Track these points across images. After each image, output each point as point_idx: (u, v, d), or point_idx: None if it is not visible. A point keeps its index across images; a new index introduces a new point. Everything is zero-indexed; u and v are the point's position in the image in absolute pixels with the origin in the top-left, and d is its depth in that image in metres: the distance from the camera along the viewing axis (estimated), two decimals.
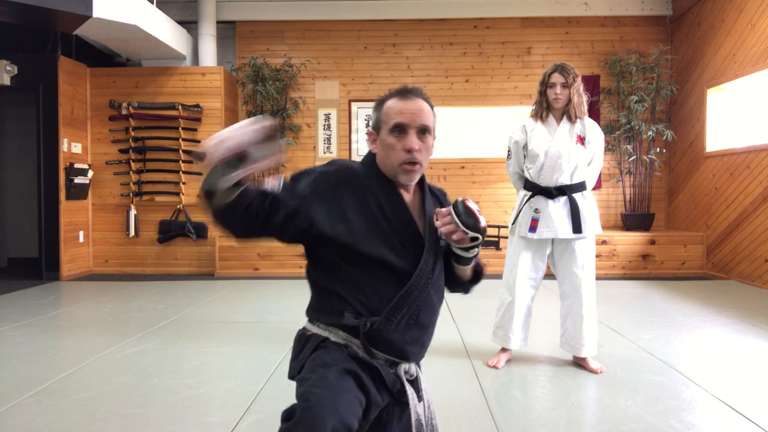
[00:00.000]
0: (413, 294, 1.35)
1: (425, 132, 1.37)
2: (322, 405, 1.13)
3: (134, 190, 6.09)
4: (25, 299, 4.63)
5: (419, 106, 1.37)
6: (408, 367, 1.39)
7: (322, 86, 6.73)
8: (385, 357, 1.36)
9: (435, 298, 1.42)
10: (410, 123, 1.35)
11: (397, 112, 1.36)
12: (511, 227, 2.89)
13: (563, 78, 2.68)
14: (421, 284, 1.36)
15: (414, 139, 1.35)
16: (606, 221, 6.50)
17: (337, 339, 1.35)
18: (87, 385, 2.53)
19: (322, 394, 1.17)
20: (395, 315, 1.33)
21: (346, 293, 1.35)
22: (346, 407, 1.16)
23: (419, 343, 1.40)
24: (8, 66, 5.40)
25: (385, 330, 1.32)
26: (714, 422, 2.13)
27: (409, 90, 1.40)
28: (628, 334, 3.37)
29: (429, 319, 1.41)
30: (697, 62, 5.97)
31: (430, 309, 1.41)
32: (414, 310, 1.35)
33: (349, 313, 1.33)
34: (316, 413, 1.11)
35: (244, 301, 4.52)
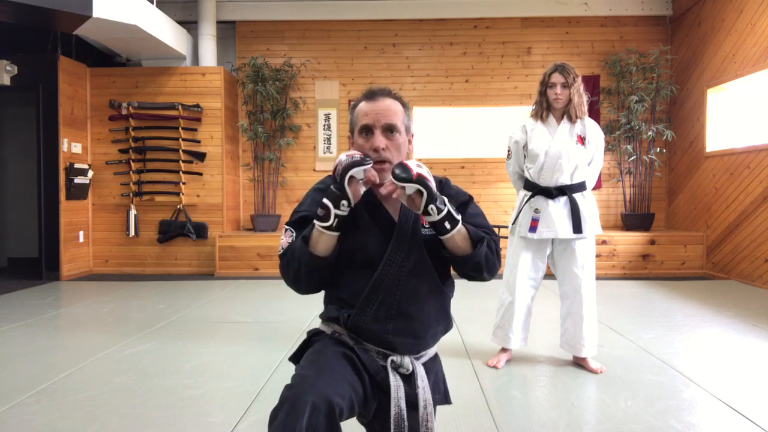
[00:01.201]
0: (384, 283, 1.36)
1: (392, 130, 1.39)
2: (303, 383, 1.18)
3: (134, 190, 6.09)
4: (25, 299, 4.63)
5: (385, 106, 1.40)
6: (399, 360, 1.38)
7: (322, 86, 6.73)
8: (375, 349, 1.39)
9: (422, 287, 1.40)
10: (374, 123, 1.38)
11: (364, 114, 1.41)
12: (511, 227, 2.89)
13: (563, 78, 2.68)
14: (392, 272, 1.37)
15: (379, 138, 1.38)
16: (606, 221, 6.50)
17: (331, 330, 1.43)
18: (87, 385, 2.53)
19: (307, 374, 1.23)
20: (369, 305, 1.37)
21: (336, 288, 1.44)
22: (328, 384, 1.19)
23: (408, 334, 1.39)
24: (8, 66, 5.40)
25: (360, 321, 1.37)
26: (714, 422, 2.13)
27: (376, 91, 1.44)
28: (628, 334, 3.37)
29: (416, 309, 1.40)
30: (697, 62, 5.98)
31: (415, 298, 1.39)
32: (391, 300, 1.37)
33: (333, 306, 1.43)
34: (297, 391, 1.16)
35: (244, 301, 4.52)
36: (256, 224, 6.28)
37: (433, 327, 1.45)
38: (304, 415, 1.10)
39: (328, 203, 1.28)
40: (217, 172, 6.16)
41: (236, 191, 6.67)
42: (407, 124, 1.45)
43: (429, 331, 1.44)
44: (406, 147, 1.45)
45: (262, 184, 6.55)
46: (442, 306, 1.47)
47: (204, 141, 6.15)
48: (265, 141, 6.47)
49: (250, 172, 6.67)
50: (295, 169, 6.74)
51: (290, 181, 6.72)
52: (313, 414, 1.11)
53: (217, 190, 6.17)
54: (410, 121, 1.49)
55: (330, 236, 1.31)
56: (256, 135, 6.33)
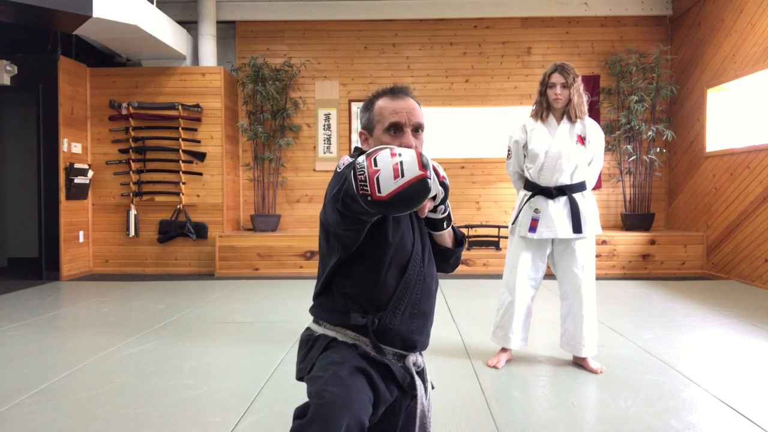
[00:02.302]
0: (411, 282, 1.38)
1: (418, 130, 1.41)
2: (336, 403, 1.14)
3: (134, 190, 6.09)
4: (25, 299, 4.63)
5: (412, 105, 1.40)
6: (416, 359, 1.42)
7: (322, 86, 6.73)
8: (393, 351, 1.38)
9: (432, 284, 1.46)
10: (406, 122, 1.38)
11: (392, 111, 1.39)
12: (511, 227, 2.89)
13: (563, 78, 2.68)
14: (416, 272, 1.39)
15: (410, 137, 1.38)
16: (606, 221, 6.50)
17: (345, 338, 1.37)
18: (87, 385, 2.53)
19: (337, 392, 1.18)
20: (399, 306, 1.37)
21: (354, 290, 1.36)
22: (359, 405, 1.18)
23: (424, 331, 1.44)
24: (8, 66, 5.40)
25: (392, 323, 1.36)
26: (714, 422, 2.13)
27: (400, 89, 1.43)
28: (628, 334, 3.37)
29: (430, 307, 1.45)
30: (697, 62, 5.97)
31: (430, 296, 1.44)
32: (415, 298, 1.39)
33: (355, 312, 1.35)
34: (331, 411, 1.12)
35: (244, 301, 4.52)
36: (256, 224, 6.28)
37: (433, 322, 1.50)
38: None
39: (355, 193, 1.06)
40: (217, 172, 6.16)
41: (236, 191, 6.67)
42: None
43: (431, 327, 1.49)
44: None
45: (262, 184, 6.55)
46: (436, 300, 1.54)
47: (204, 141, 6.15)
48: (265, 141, 6.47)
49: (250, 172, 6.67)
50: (295, 169, 6.74)
51: (290, 181, 6.72)
52: None
53: (217, 190, 6.17)
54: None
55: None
56: (256, 135, 6.33)
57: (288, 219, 6.71)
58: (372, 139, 1.43)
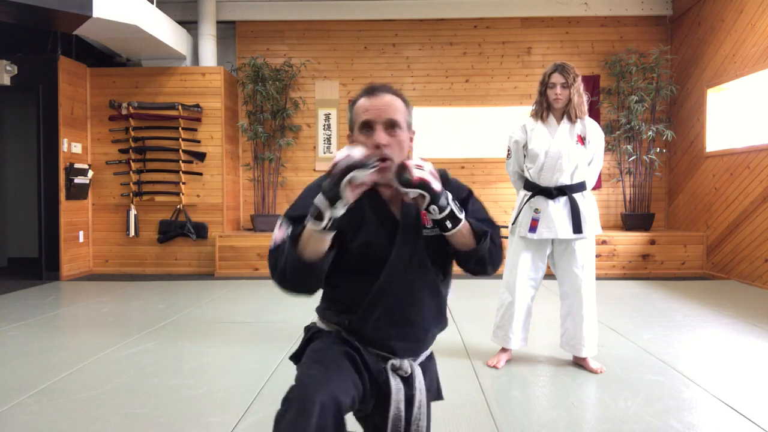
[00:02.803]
0: (388, 292, 1.34)
1: (393, 126, 1.34)
2: (312, 383, 1.17)
3: (134, 190, 6.09)
4: (25, 299, 4.63)
5: (385, 102, 1.35)
6: (399, 363, 1.37)
7: (322, 86, 6.73)
8: (375, 352, 1.38)
9: (422, 292, 1.38)
10: (376, 119, 1.33)
11: (364, 110, 1.36)
12: (511, 227, 2.89)
13: (563, 78, 2.67)
14: (396, 279, 1.34)
15: (381, 134, 1.32)
16: (606, 221, 6.50)
17: (332, 328, 1.42)
18: (87, 385, 2.53)
19: (313, 373, 1.21)
20: (371, 313, 1.35)
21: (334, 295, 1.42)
22: (336, 384, 1.19)
23: (409, 339, 1.39)
24: (8, 66, 5.40)
25: (362, 329, 1.36)
26: (714, 422, 2.13)
27: (376, 87, 1.39)
28: (628, 334, 3.37)
29: (419, 314, 1.38)
30: (697, 62, 5.97)
31: (416, 304, 1.38)
32: (394, 307, 1.35)
33: (332, 311, 1.41)
34: (305, 390, 1.15)
35: (244, 301, 4.52)
36: (256, 224, 6.28)
37: (432, 329, 1.45)
38: (313, 416, 1.10)
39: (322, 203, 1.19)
40: (217, 172, 6.16)
41: (236, 191, 6.67)
42: (409, 121, 1.41)
43: (428, 334, 1.44)
44: (408, 144, 1.40)
45: (262, 184, 6.55)
46: (440, 307, 1.45)
47: (204, 141, 6.15)
48: (265, 141, 6.47)
49: (250, 172, 6.67)
50: (295, 169, 6.74)
51: (290, 181, 6.72)
52: (322, 414, 1.11)
53: (217, 190, 6.17)
54: (412, 119, 1.44)
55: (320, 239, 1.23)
56: (256, 135, 6.33)
57: None
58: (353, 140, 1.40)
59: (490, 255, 1.38)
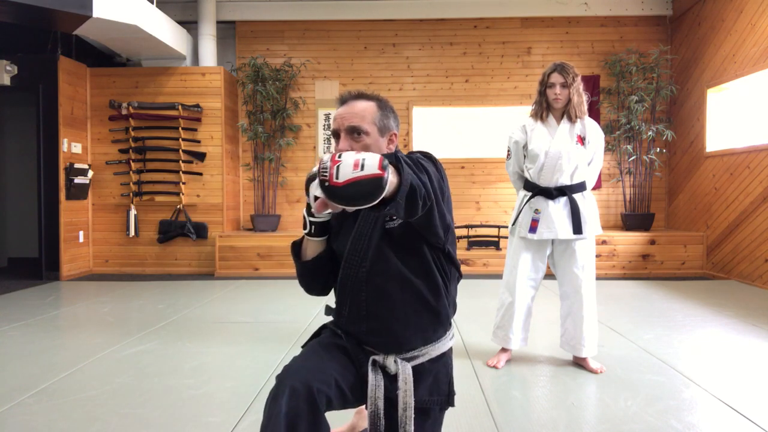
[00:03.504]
0: (347, 286, 1.38)
1: (357, 132, 1.34)
2: (286, 371, 1.27)
3: (134, 190, 6.09)
4: (25, 299, 4.63)
5: (350, 109, 1.36)
6: (383, 360, 1.37)
7: (322, 86, 6.73)
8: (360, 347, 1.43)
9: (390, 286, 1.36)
10: (339, 127, 1.37)
11: (333, 119, 1.41)
12: (511, 228, 2.89)
13: (563, 78, 2.67)
14: (352, 274, 1.37)
15: (343, 142, 1.35)
16: (606, 221, 6.50)
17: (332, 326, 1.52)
18: (87, 385, 2.53)
19: (291, 362, 1.31)
20: (341, 308, 1.42)
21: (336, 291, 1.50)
22: (309, 371, 1.26)
23: (383, 333, 1.38)
24: (8, 66, 5.40)
25: (339, 322, 1.44)
26: (714, 422, 2.13)
27: (346, 95, 1.41)
28: (628, 334, 3.37)
29: (387, 309, 1.36)
30: (697, 62, 5.97)
31: (385, 298, 1.36)
32: (360, 300, 1.37)
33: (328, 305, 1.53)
34: (280, 378, 1.26)
35: (244, 301, 4.52)
36: (256, 224, 6.28)
37: (415, 324, 1.38)
38: (283, 398, 1.18)
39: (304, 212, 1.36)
40: (217, 172, 6.16)
41: (236, 191, 6.67)
42: (383, 124, 1.38)
43: (409, 329, 1.38)
44: (382, 147, 1.38)
45: (262, 184, 6.55)
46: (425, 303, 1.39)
47: (204, 141, 6.15)
48: (265, 141, 6.47)
49: (250, 172, 6.67)
50: (295, 169, 6.73)
51: (290, 181, 6.72)
52: (292, 397, 1.17)
53: (217, 190, 6.17)
54: (392, 120, 1.41)
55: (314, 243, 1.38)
56: (256, 135, 6.33)
57: (288, 219, 6.71)
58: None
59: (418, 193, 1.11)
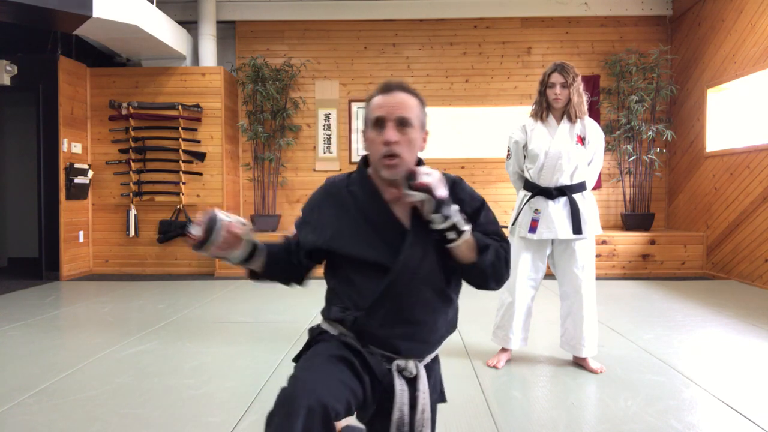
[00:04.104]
0: (396, 289, 1.34)
1: (405, 124, 1.35)
2: (300, 386, 1.17)
3: (134, 190, 6.09)
4: (25, 299, 4.63)
5: (399, 99, 1.36)
6: (404, 364, 1.37)
7: (322, 86, 6.73)
8: (380, 352, 1.37)
9: (429, 293, 1.39)
10: (387, 116, 1.34)
11: (378, 106, 1.37)
12: (511, 228, 2.89)
13: (563, 78, 2.67)
14: (405, 279, 1.34)
15: (391, 131, 1.33)
16: (606, 221, 6.50)
17: (334, 331, 1.42)
18: (87, 385, 2.53)
19: (302, 376, 1.22)
20: (378, 310, 1.35)
21: (340, 289, 1.42)
22: (324, 387, 1.18)
23: (415, 339, 1.39)
24: (8, 66, 5.40)
25: (368, 325, 1.36)
26: (714, 422, 2.13)
27: (391, 85, 1.39)
28: (628, 334, 3.37)
29: (423, 316, 1.38)
30: (697, 62, 5.97)
31: (423, 305, 1.38)
32: (400, 305, 1.35)
33: (338, 307, 1.41)
34: (293, 393, 1.15)
35: (244, 301, 4.52)
36: (256, 224, 6.28)
37: (440, 332, 1.44)
38: (299, 419, 1.10)
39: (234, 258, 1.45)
40: (217, 172, 6.16)
41: (236, 191, 6.67)
42: (422, 121, 1.41)
43: (435, 336, 1.43)
44: (420, 144, 1.40)
45: (262, 184, 6.55)
46: (450, 311, 1.45)
47: (204, 141, 6.15)
48: (265, 141, 6.47)
49: (250, 172, 6.67)
50: (295, 169, 6.74)
51: (290, 181, 6.72)
52: (308, 418, 1.11)
53: (217, 190, 6.17)
54: (426, 118, 1.44)
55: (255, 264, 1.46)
56: (256, 135, 6.33)
57: (288, 219, 6.71)
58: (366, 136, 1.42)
59: (492, 269, 1.37)
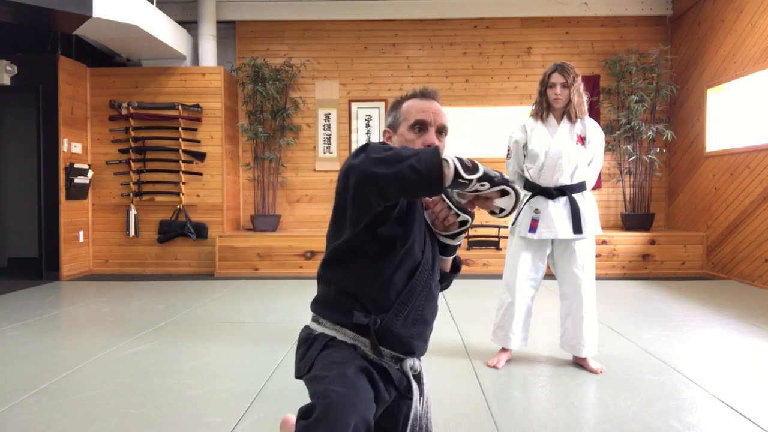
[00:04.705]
0: (418, 289, 1.39)
1: (442, 132, 1.46)
2: (343, 402, 1.14)
3: (134, 190, 6.09)
4: (25, 299, 4.63)
5: (438, 108, 1.47)
6: (413, 363, 1.43)
7: (322, 86, 6.73)
8: (391, 354, 1.39)
9: (436, 293, 1.48)
10: (431, 121, 1.44)
11: (419, 110, 1.44)
12: (511, 228, 2.89)
13: (563, 78, 2.67)
14: (423, 279, 1.41)
15: (434, 135, 1.43)
16: (606, 221, 6.50)
17: (345, 338, 1.37)
18: (87, 385, 2.53)
19: (344, 391, 1.17)
20: (402, 310, 1.37)
21: (358, 289, 1.35)
22: (366, 405, 1.18)
23: (423, 337, 1.46)
24: (8, 66, 5.40)
25: (393, 325, 1.36)
26: (714, 422, 2.13)
27: (430, 92, 1.50)
28: (628, 334, 3.37)
29: (432, 314, 1.47)
30: (697, 62, 5.97)
31: (433, 304, 1.47)
32: (419, 304, 1.40)
33: (358, 312, 1.34)
34: (338, 410, 1.12)
35: (244, 301, 4.52)
36: (256, 224, 6.28)
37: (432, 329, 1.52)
38: None
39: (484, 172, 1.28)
40: (217, 172, 6.16)
41: (236, 191, 6.67)
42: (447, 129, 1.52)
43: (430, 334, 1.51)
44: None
45: (262, 184, 6.55)
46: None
47: (204, 141, 6.15)
48: (265, 141, 6.47)
49: (250, 172, 6.67)
50: (295, 169, 6.74)
51: (290, 181, 6.72)
52: None
53: (217, 190, 6.17)
54: None
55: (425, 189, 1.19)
56: (256, 135, 6.33)
57: (288, 219, 6.71)
58: (396, 137, 1.47)
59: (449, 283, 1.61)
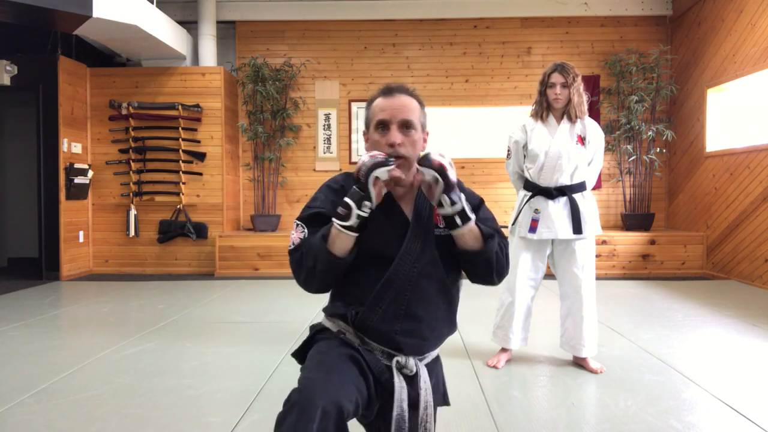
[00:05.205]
0: (396, 282, 1.36)
1: (408, 126, 1.40)
2: (313, 387, 1.17)
3: (134, 190, 6.09)
4: (25, 299, 4.63)
5: (401, 102, 1.41)
6: (404, 361, 1.37)
7: (322, 86, 6.73)
8: (380, 348, 1.38)
9: (431, 288, 1.40)
10: (391, 119, 1.39)
11: (380, 109, 1.42)
12: (511, 228, 2.89)
13: (563, 78, 2.67)
14: (404, 272, 1.36)
15: (395, 133, 1.38)
16: (606, 221, 6.50)
17: (336, 328, 1.42)
18: (87, 385, 2.53)
19: (315, 377, 1.21)
20: (379, 304, 1.36)
21: (346, 283, 1.42)
22: (338, 388, 1.18)
23: (415, 335, 1.39)
24: (8, 66, 5.40)
25: (369, 319, 1.36)
26: (714, 422, 2.13)
27: (393, 87, 1.45)
28: (628, 334, 3.37)
29: (424, 311, 1.39)
30: (697, 62, 5.97)
31: (425, 300, 1.39)
32: (401, 299, 1.36)
33: (341, 302, 1.41)
34: (308, 394, 1.15)
35: (244, 301, 4.52)
36: (256, 224, 6.28)
37: (439, 329, 1.45)
38: (314, 422, 1.10)
39: (350, 203, 1.28)
40: (217, 172, 6.16)
41: (236, 191, 6.67)
42: (423, 122, 1.46)
43: (435, 333, 1.44)
44: (422, 144, 1.46)
45: (262, 184, 6.55)
46: (450, 309, 1.47)
47: (204, 141, 6.15)
48: (265, 141, 6.47)
49: (250, 172, 6.67)
50: (295, 169, 6.74)
51: (290, 181, 6.72)
52: (323, 419, 1.11)
53: (217, 190, 6.17)
54: (426, 119, 1.49)
55: (348, 237, 1.30)
56: (256, 135, 6.33)
57: (288, 219, 6.71)
58: (368, 138, 1.46)
59: (496, 260, 1.40)
